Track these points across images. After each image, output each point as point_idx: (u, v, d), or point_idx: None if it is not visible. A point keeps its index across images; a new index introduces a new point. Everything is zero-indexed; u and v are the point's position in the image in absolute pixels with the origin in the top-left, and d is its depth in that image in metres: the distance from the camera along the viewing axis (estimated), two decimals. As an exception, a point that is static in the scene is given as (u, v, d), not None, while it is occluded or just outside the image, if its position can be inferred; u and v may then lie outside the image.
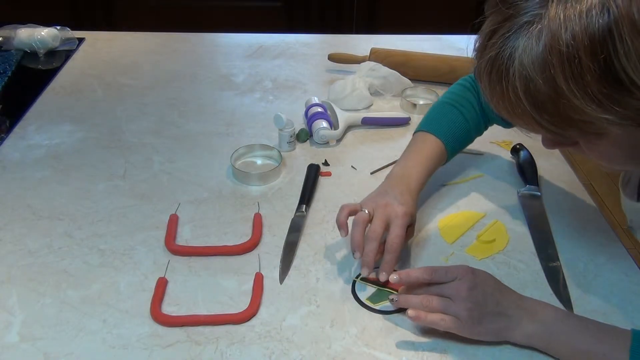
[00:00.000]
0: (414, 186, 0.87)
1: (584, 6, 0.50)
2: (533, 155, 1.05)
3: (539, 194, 0.99)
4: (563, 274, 0.85)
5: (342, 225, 0.84)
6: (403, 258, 0.87)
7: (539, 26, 0.52)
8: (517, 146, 1.09)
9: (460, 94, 0.96)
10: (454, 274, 0.74)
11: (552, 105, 0.54)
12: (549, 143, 0.64)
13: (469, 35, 0.65)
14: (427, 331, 0.76)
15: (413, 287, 0.78)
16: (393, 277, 0.77)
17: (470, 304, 0.71)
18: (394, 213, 0.82)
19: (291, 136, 1.10)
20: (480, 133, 0.98)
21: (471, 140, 0.98)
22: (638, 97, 0.51)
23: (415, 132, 0.96)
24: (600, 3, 0.49)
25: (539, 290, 0.82)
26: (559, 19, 0.51)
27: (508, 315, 0.72)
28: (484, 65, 0.58)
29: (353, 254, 0.81)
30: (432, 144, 0.92)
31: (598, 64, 0.50)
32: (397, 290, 0.81)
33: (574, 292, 0.82)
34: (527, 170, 1.03)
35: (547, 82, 0.53)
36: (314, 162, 1.06)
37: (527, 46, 0.53)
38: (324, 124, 1.12)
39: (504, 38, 0.55)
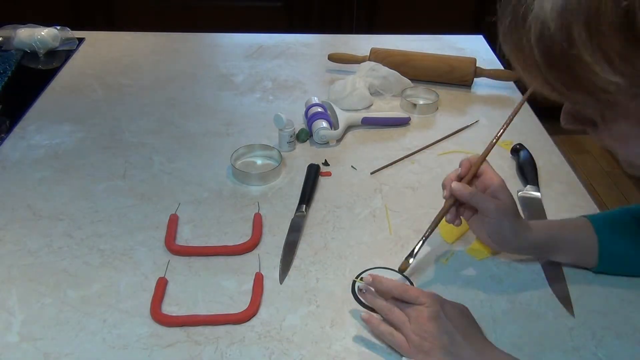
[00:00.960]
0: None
1: None
2: (533, 156, 1.05)
3: (539, 194, 0.99)
4: (563, 274, 0.85)
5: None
6: (402, 257, 0.87)
7: None
8: (517, 146, 1.09)
9: None
10: (423, 299, 0.73)
11: (562, 59, 0.50)
12: (567, 118, 0.60)
13: (469, 35, 0.64)
14: (427, 331, 0.76)
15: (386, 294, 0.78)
16: (367, 278, 0.78)
17: (424, 332, 0.71)
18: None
19: (291, 136, 1.10)
20: None
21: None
22: None
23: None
24: None
25: (539, 290, 0.82)
26: None
27: (461, 357, 0.69)
28: (506, 12, 0.53)
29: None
30: (579, 224, 0.84)
31: (619, 14, 0.46)
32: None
33: (574, 292, 0.82)
34: (527, 171, 1.03)
35: (562, 30, 0.48)
36: (314, 162, 1.06)
37: None
38: (324, 124, 1.12)
39: None
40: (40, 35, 1.43)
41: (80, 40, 1.51)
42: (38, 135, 1.14)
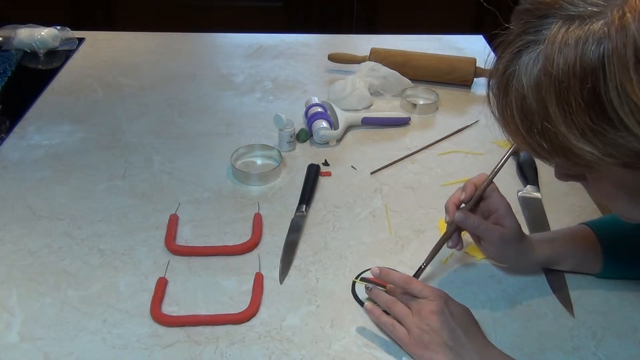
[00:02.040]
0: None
1: (583, 33, 0.49)
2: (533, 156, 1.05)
3: (539, 194, 0.99)
4: (563, 274, 0.84)
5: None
6: (402, 257, 0.87)
7: (541, 47, 0.52)
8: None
9: None
10: (427, 293, 0.74)
11: (541, 128, 0.53)
12: (559, 175, 0.64)
13: (469, 35, 0.65)
14: (427, 331, 0.76)
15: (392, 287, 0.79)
16: (374, 270, 0.79)
17: (426, 325, 0.71)
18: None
19: (291, 136, 1.10)
20: None
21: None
22: (623, 136, 0.49)
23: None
24: (598, 33, 0.48)
25: (539, 290, 0.82)
26: (557, 41, 0.50)
27: (460, 354, 0.69)
28: (494, 77, 0.57)
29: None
30: (581, 232, 0.84)
31: (586, 92, 0.49)
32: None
33: (573, 292, 0.82)
34: (527, 171, 1.03)
35: (538, 104, 0.52)
36: (314, 162, 1.06)
37: (527, 65, 0.53)
38: (324, 124, 1.12)
39: (514, 53, 0.54)
40: (40, 35, 1.43)
41: (80, 40, 1.51)
42: (38, 135, 1.14)
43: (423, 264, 0.81)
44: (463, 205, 0.81)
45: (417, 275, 0.80)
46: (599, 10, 0.49)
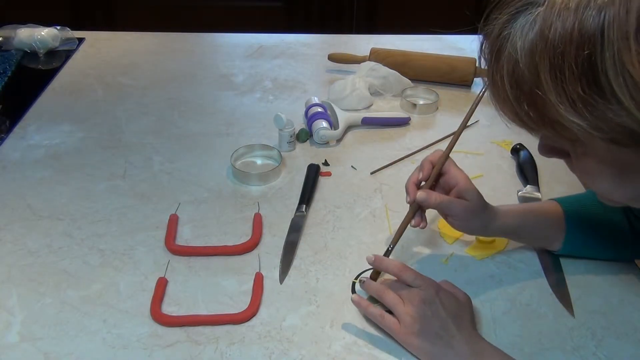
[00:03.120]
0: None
1: (584, 0, 0.47)
2: (533, 155, 1.05)
3: (539, 194, 0.99)
4: (563, 274, 0.85)
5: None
6: (404, 258, 0.87)
7: (539, 10, 0.50)
8: (517, 146, 1.09)
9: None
10: (419, 282, 0.74)
11: (530, 96, 0.52)
12: (542, 149, 0.62)
13: (469, 35, 0.64)
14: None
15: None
16: (369, 257, 0.80)
17: (416, 314, 0.71)
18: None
19: (291, 136, 1.10)
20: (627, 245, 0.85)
21: (611, 253, 0.86)
22: (614, 109, 0.47)
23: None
24: (600, 1, 0.47)
25: (539, 290, 0.82)
26: (557, 4, 0.49)
27: (450, 344, 0.69)
28: (488, 39, 0.56)
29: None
30: (549, 205, 0.85)
31: (581, 60, 0.47)
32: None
33: (574, 292, 0.82)
34: (527, 170, 1.03)
35: (530, 70, 0.51)
36: (314, 162, 1.06)
37: (522, 28, 0.51)
38: (324, 124, 1.12)
39: (511, 15, 0.52)
40: (40, 35, 1.43)
41: (80, 40, 1.51)
42: (38, 135, 1.14)
43: (390, 245, 0.81)
44: (423, 184, 0.82)
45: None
46: None
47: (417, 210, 0.81)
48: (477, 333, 0.72)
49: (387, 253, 0.81)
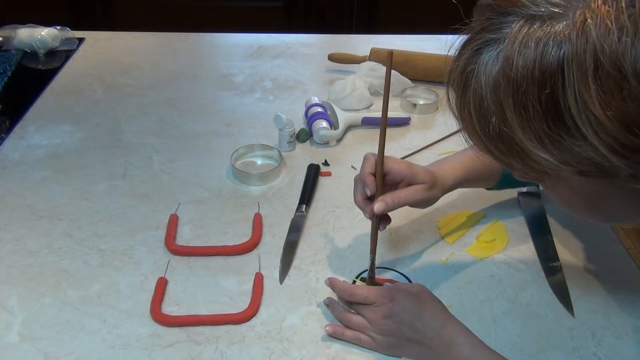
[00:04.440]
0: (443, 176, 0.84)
1: (544, 35, 0.47)
2: None
3: (539, 193, 0.99)
4: (563, 273, 0.85)
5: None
6: (401, 257, 0.87)
7: (501, 46, 0.50)
8: None
9: None
10: (372, 298, 0.74)
11: (498, 131, 0.52)
12: (516, 174, 0.61)
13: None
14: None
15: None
16: (325, 281, 0.80)
17: (385, 331, 0.72)
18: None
19: (291, 136, 1.10)
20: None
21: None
22: (580, 144, 0.48)
23: None
24: (559, 36, 0.47)
25: (539, 290, 0.82)
26: (517, 42, 0.48)
27: (424, 344, 0.71)
28: (453, 74, 0.56)
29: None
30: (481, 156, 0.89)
31: (544, 97, 0.48)
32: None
33: (574, 292, 0.82)
34: None
35: (496, 106, 0.51)
36: (314, 162, 1.06)
37: (487, 64, 0.51)
38: (324, 123, 1.12)
39: (474, 51, 0.53)
40: (40, 35, 1.43)
41: (80, 40, 1.51)
42: (38, 135, 1.14)
43: (371, 256, 0.80)
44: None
45: (371, 269, 0.80)
46: (561, 11, 0.47)
47: (379, 218, 0.80)
48: (445, 315, 0.72)
49: (372, 265, 0.80)
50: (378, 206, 0.77)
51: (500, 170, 0.88)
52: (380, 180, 0.79)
